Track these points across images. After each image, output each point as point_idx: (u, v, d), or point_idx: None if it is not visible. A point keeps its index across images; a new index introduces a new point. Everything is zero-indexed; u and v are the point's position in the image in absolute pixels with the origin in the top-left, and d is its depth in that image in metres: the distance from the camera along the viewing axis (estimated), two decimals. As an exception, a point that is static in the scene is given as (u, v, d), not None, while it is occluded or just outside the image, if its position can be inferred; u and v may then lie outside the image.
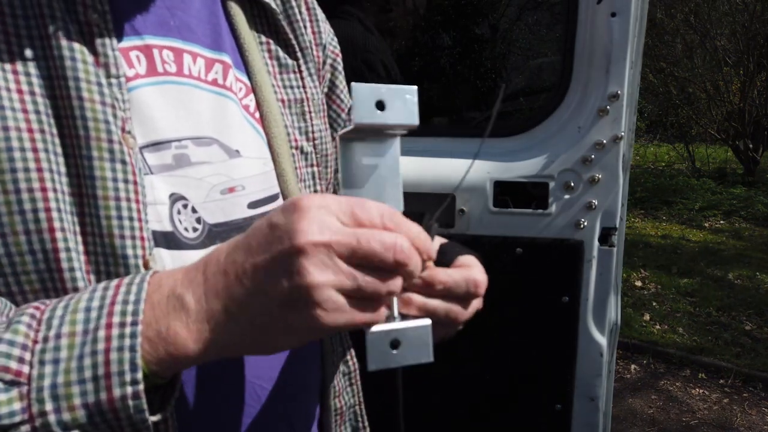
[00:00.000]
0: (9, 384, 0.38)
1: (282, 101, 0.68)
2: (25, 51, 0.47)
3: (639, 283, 4.90)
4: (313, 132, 0.71)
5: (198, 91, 0.58)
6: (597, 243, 1.44)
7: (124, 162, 0.49)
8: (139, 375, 0.39)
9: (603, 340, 1.48)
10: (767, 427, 3.07)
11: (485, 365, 1.54)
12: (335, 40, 0.79)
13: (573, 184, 1.41)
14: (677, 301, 4.51)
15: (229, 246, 0.42)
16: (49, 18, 0.47)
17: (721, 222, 6.72)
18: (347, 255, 0.39)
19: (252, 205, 0.61)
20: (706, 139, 9.53)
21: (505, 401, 1.57)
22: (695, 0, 8.13)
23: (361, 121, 0.45)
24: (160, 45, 0.56)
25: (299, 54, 0.70)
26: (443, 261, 0.60)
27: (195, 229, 0.56)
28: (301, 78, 0.71)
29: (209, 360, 0.43)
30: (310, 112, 0.71)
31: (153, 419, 0.42)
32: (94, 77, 0.48)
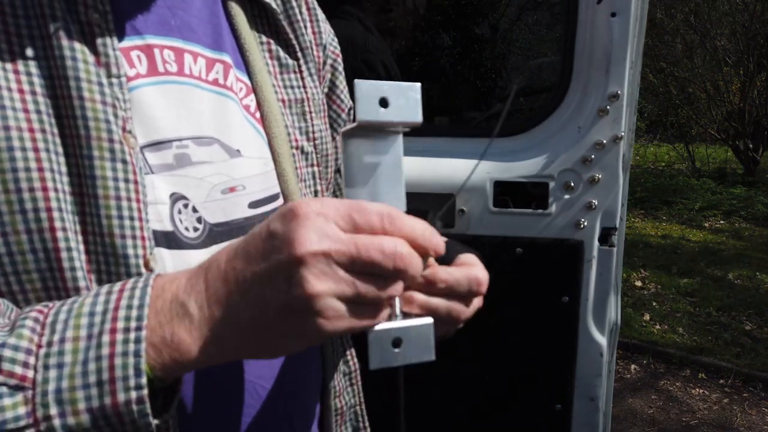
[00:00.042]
0: (14, 389, 0.38)
1: (282, 101, 0.68)
2: (27, 51, 0.47)
3: (639, 283, 4.90)
4: (314, 132, 0.71)
5: (199, 91, 0.58)
6: (597, 243, 1.44)
7: (124, 161, 0.49)
8: (144, 380, 0.39)
9: (603, 340, 1.48)
10: (767, 427, 3.07)
11: (485, 365, 1.54)
12: (335, 40, 0.79)
13: (573, 184, 1.41)
14: (677, 301, 4.51)
15: (229, 252, 0.42)
16: (50, 18, 0.47)
17: (721, 222, 6.72)
18: (346, 263, 0.39)
19: (253, 205, 0.61)
20: (706, 139, 9.53)
21: (505, 401, 1.57)
22: (695, 0, 8.13)
23: (364, 119, 0.44)
24: (161, 45, 0.56)
25: (300, 54, 0.70)
26: (444, 259, 0.60)
27: (196, 229, 0.56)
28: (302, 78, 0.71)
29: (212, 364, 0.43)
30: (310, 112, 0.71)
31: (155, 422, 0.42)
32: (95, 77, 0.48)
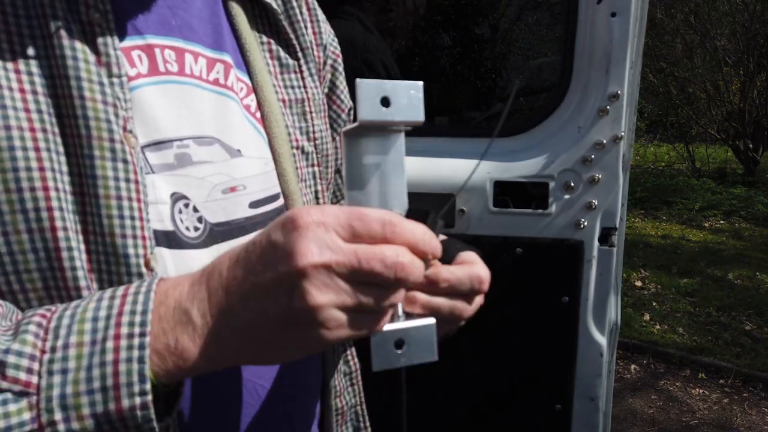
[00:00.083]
0: (18, 394, 0.38)
1: (283, 101, 0.68)
2: (28, 50, 0.47)
3: (639, 283, 4.90)
4: (314, 132, 0.71)
5: (199, 91, 0.58)
6: (597, 243, 1.44)
7: (125, 161, 0.49)
8: (148, 386, 0.40)
9: (603, 340, 1.48)
10: (767, 427, 3.07)
11: (485, 365, 1.54)
12: (336, 40, 0.79)
13: (573, 184, 1.41)
14: (677, 301, 4.51)
15: (231, 259, 0.42)
16: (51, 17, 0.47)
17: (721, 222, 6.72)
18: (348, 274, 0.40)
19: (253, 205, 0.61)
20: (706, 139, 9.52)
21: (505, 401, 1.57)
22: (695, 0, 8.13)
23: (366, 119, 0.44)
24: (161, 44, 0.56)
25: (300, 54, 0.70)
26: (444, 258, 0.60)
27: (196, 229, 0.56)
28: (302, 78, 0.71)
29: (214, 370, 0.44)
30: (311, 112, 0.71)
31: (158, 426, 0.42)
32: (95, 76, 0.48)
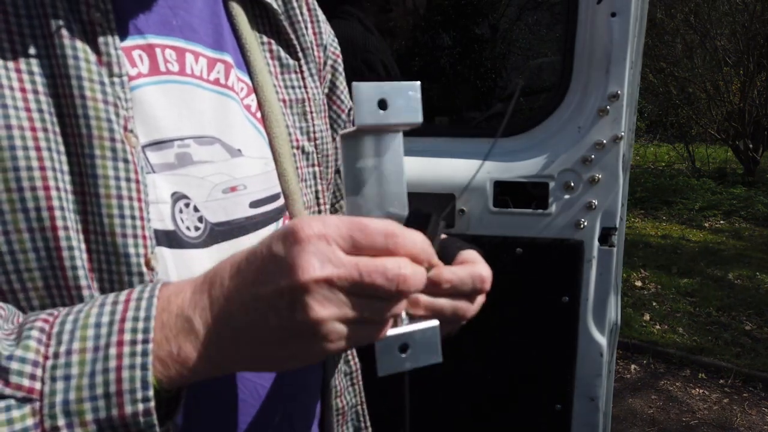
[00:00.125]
0: (21, 401, 0.39)
1: (283, 101, 0.68)
2: (29, 49, 0.47)
3: (639, 283, 4.90)
4: (315, 132, 0.71)
5: (200, 91, 0.58)
6: (597, 243, 1.44)
7: (126, 160, 0.49)
8: (151, 393, 0.40)
9: (603, 340, 1.48)
10: (767, 427, 3.07)
11: (485, 365, 1.54)
12: (336, 41, 0.79)
13: (573, 184, 1.41)
14: (677, 301, 4.51)
15: (233, 267, 0.42)
16: (52, 17, 0.47)
17: (721, 222, 6.72)
18: (349, 287, 0.40)
19: (254, 205, 0.61)
20: (706, 139, 9.52)
21: (506, 401, 1.57)
22: (695, 0, 8.13)
23: (364, 123, 0.44)
24: (162, 44, 0.56)
25: (300, 54, 0.71)
26: (445, 257, 0.60)
27: (197, 228, 0.56)
28: (303, 78, 0.71)
29: (217, 376, 0.44)
30: (311, 112, 0.71)
31: (160, 430, 0.42)
32: (96, 76, 0.48)
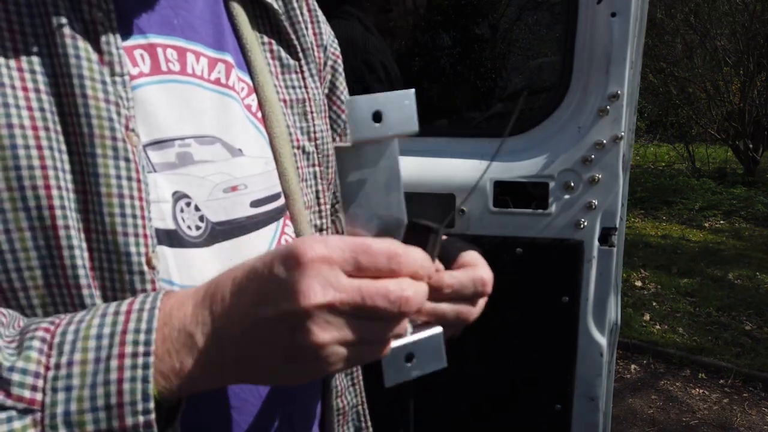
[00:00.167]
0: (23, 412, 0.39)
1: (284, 101, 0.68)
2: (30, 48, 0.47)
3: (639, 283, 4.90)
4: (315, 132, 0.71)
5: (201, 90, 0.58)
6: (597, 243, 1.44)
7: (127, 159, 0.49)
8: (151, 405, 0.40)
9: (603, 340, 1.48)
10: (767, 427, 3.07)
11: (486, 365, 1.55)
12: (336, 41, 0.79)
13: (573, 184, 1.42)
14: (677, 301, 4.52)
15: (234, 284, 0.42)
16: (54, 15, 0.47)
17: (721, 222, 6.72)
18: (351, 311, 0.40)
19: (254, 204, 0.61)
20: (706, 139, 9.52)
21: (506, 401, 1.57)
22: (695, 0, 8.14)
23: (359, 138, 0.43)
24: (163, 44, 0.56)
25: (301, 55, 0.71)
26: (446, 258, 0.60)
27: (198, 228, 0.56)
28: (303, 78, 0.71)
29: (217, 387, 0.45)
30: (311, 112, 0.71)
31: None
32: (98, 75, 0.48)
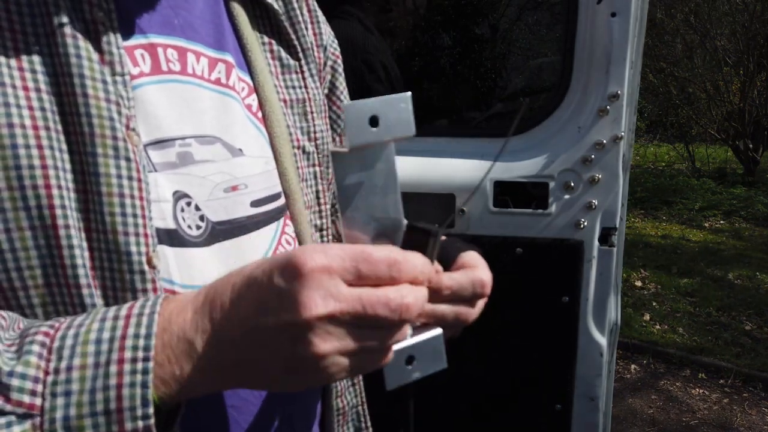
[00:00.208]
0: (22, 417, 0.39)
1: (284, 101, 0.68)
2: (31, 48, 0.47)
3: (639, 283, 4.90)
4: (315, 132, 0.71)
5: (201, 90, 0.59)
6: (597, 243, 1.44)
7: (128, 159, 0.49)
8: (151, 410, 0.40)
9: (603, 340, 1.48)
10: (767, 427, 3.07)
11: (486, 365, 1.55)
12: (335, 41, 0.79)
13: (573, 184, 1.42)
14: (677, 301, 4.51)
15: (233, 291, 0.42)
16: (55, 15, 0.47)
17: (721, 222, 6.72)
18: (352, 321, 0.40)
19: (255, 204, 0.62)
20: (706, 139, 9.52)
21: (506, 401, 1.58)
22: (695, 0, 8.14)
23: (356, 143, 0.43)
24: (164, 44, 0.56)
25: (301, 55, 0.71)
26: (445, 259, 0.60)
27: (198, 227, 0.56)
28: (303, 78, 0.71)
29: (217, 391, 0.45)
30: (312, 112, 0.71)
31: None
32: (99, 75, 0.48)
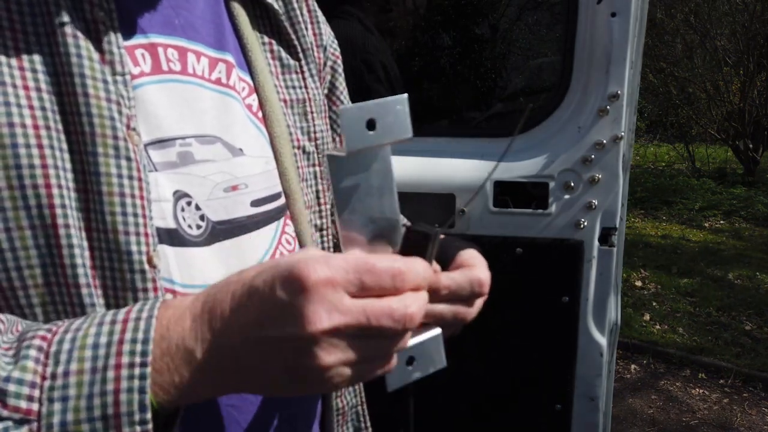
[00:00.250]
0: (19, 422, 0.38)
1: (284, 101, 0.68)
2: (32, 47, 0.47)
3: (639, 283, 4.90)
4: (315, 132, 0.72)
5: (202, 90, 0.59)
6: (597, 243, 1.44)
7: (129, 158, 0.49)
8: (148, 415, 0.40)
9: (603, 340, 1.48)
10: (767, 427, 3.07)
11: (486, 365, 1.55)
12: (335, 42, 0.79)
13: (573, 184, 1.42)
14: (677, 301, 4.51)
15: (233, 300, 0.42)
16: (56, 15, 0.47)
17: (721, 222, 6.72)
18: (356, 333, 0.40)
19: (255, 203, 0.62)
20: (706, 139, 9.52)
21: (506, 401, 1.58)
22: (695, 0, 8.14)
23: (354, 148, 0.43)
24: (165, 44, 0.56)
25: (301, 55, 0.71)
26: (443, 258, 0.60)
27: (198, 227, 0.56)
28: (303, 78, 0.71)
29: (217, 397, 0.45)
30: (312, 112, 0.71)
31: None
32: (99, 74, 0.48)
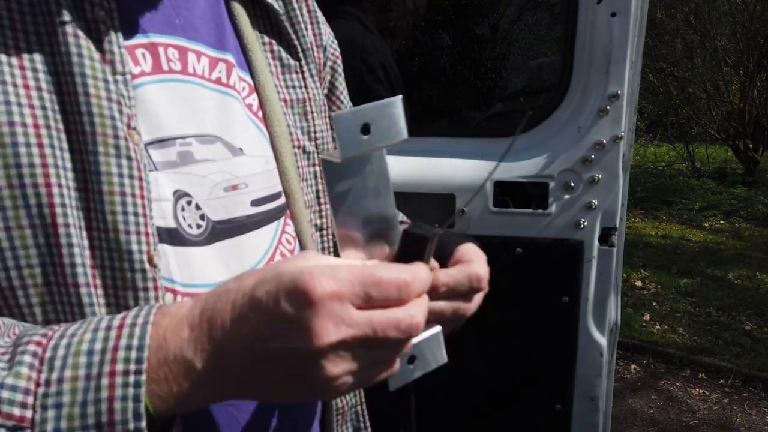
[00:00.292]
0: (12, 429, 0.38)
1: (284, 101, 0.69)
2: (33, 46, 0.47)
3: (639, 283, 4.90)
4: (315, 132, 0.72)
5: (202, 90, 0.59)
6: (597, 243, 1.44)
7: (129, 158, 0.49)
8: (143, 424, 0.39)
9: (603, 340, 1.48)
10: (767, 427, 3.07)
11: (486, 365, 1.55)
12: (335, 42, 0.80)
13: (573, 184, 1.42)
14: (677, 301, 4.52)
15: (234, 311, 0.42)
16: (57, 14, 0.48)
17: (721, 222, 6.72)
18: (362, 345, 0.41)
19: (255, 203, 0.62)
20: (706, 139, 9.52)
21: (506, 401, 1.58)
22: (695, 0, 8.14)
23: (349, 153, 0.43)
24: (165, 43, 0.56)
25: (301, 55, 0.71)
26: (442, 253, 0.60)
27: (199, 226, 0.56)
28: (303, 78, 0.71)
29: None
30: (312, 112, 0.71)
31: None
32: (100, 74, 0.48)
